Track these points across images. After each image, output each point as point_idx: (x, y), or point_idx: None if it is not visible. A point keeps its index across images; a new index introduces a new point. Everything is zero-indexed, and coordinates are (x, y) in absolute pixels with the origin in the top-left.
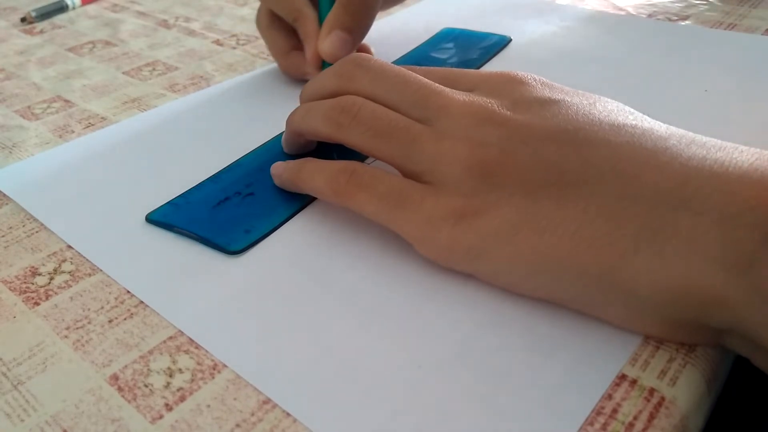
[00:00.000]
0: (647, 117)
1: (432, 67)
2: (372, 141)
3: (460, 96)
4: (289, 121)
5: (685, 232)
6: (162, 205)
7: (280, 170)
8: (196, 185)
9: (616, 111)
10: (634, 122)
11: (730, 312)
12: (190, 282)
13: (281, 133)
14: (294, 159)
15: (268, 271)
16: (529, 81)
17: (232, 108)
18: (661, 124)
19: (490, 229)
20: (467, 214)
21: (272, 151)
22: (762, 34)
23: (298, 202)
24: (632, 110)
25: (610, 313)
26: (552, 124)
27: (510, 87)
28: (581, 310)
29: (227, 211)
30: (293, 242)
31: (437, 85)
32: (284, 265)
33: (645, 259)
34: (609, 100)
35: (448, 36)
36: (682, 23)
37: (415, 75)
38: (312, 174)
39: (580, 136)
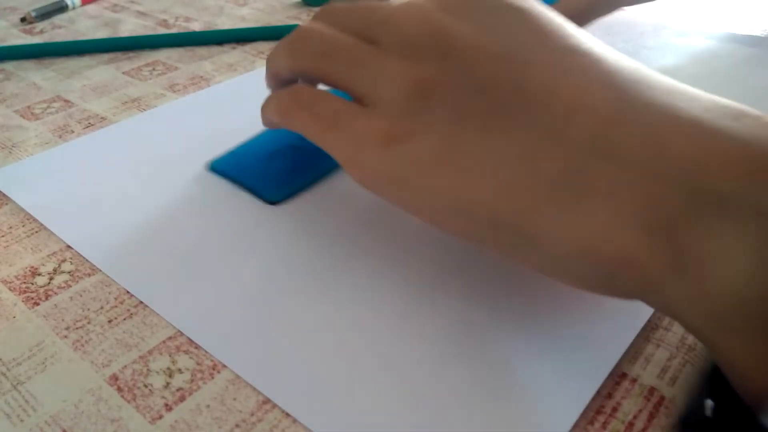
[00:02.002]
0: (604, 44)
1: None
2: (319, 63)
3: (403, 1)
4: (266, 62)
5: (605, 185)
6: (223, 154)
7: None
8: (257, 135)
9: (570, 32)
10: (585, 48)
11: (641, 277)
12: (189, 282)
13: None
14: None
15: (267, 271)
16: None
17: (232, 108)
18: (616, 54)
19: (413, 155)
20: (396, 138)
21: None
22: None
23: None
24: (590, 35)
25: (528, 261)
26: (494, 38)
27: None
28: (502, 257)
29: (278, 163)
30: (292, 239)
31: (384, 2)
32: (284, 264)
33: (557, 209)
34: (567, 20)
35: None
36: (679, 25)
37: (367, 2)
38: (268, 102)
39: (521, 56)
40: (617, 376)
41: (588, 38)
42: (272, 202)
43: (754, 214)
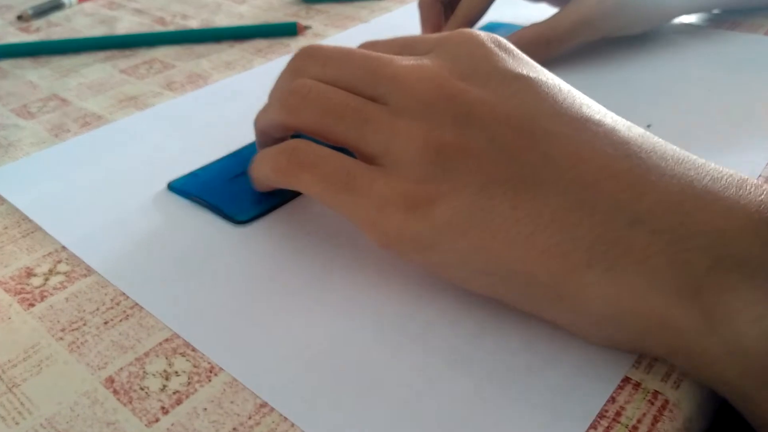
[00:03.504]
0: (609, 112)
1: (392, 38)
2: (324, 122)
3: (409, 62)
4: (255, 121)
5: (638, 251)
6: (184, 175)
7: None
8: (218, 159)
9: (579, 101)
10: (597, 118)
11: (673, 337)
12: (186, 284)
13: None
14: None
15: (266, 273)
16: (489, 45)
17: (229, 107)
18: (623, 122)
19: (442, 220)
20: (419, 201)
21: None
22: (764, 34)
23: None
24: (594, 102)
25: (558, 320)
26: (512, 106)
27: (467, 50)
28: (528, 313)
29: (241, 185)
30: (290, 241)
31: (385, 55)
32: (281, 268)
33: (596, 274)
34: (571, 87)
35: (492, 29)
36: (685, 22)
37: (361, 51)
38: (260, 162)
39: (542, 126)
40: (621, 380)
41: (595, 105)
42: (240, 222)
43: None
